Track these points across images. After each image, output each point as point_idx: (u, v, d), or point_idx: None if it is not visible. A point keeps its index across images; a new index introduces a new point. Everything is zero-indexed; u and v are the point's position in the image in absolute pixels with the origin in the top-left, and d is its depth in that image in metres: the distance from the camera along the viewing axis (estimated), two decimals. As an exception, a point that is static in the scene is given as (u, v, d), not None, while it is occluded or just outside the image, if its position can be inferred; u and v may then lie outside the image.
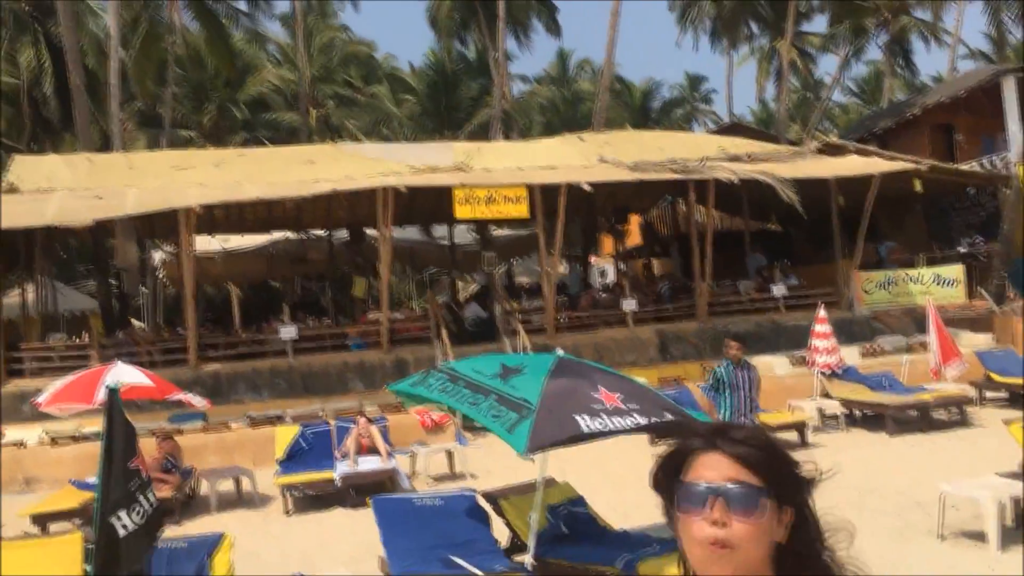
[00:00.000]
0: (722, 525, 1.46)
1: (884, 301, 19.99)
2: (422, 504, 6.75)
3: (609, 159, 19.83)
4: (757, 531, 1.47)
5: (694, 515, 1.49)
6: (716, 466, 1.51)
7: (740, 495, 1.47)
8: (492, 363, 6.63)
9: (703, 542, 1.47)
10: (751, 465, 1.50)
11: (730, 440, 1.53)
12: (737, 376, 9.55)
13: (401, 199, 17.36)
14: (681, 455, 1.56)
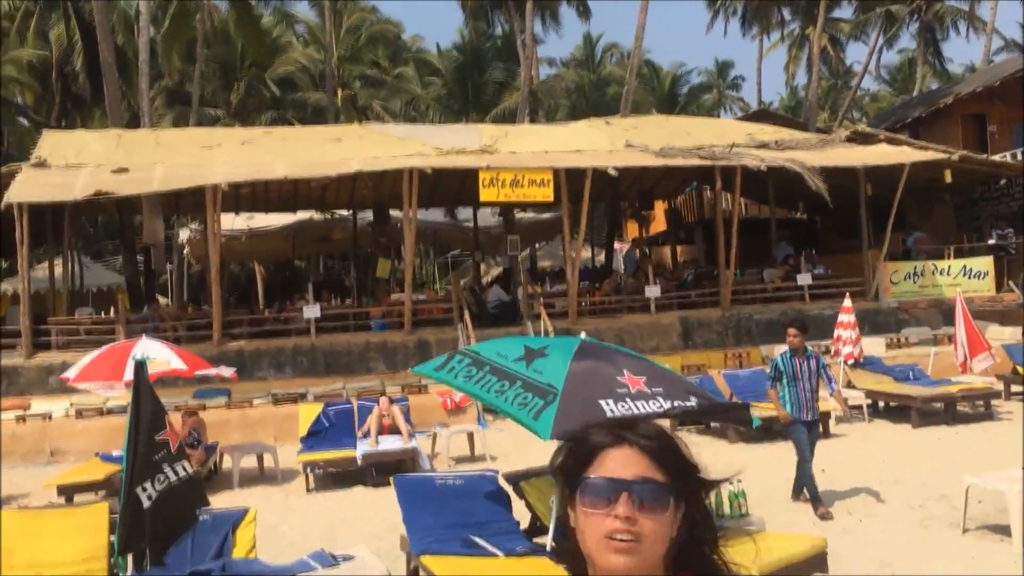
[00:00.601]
0: (627, 521, 1.45)
1: (911, 292, 19.79)
2: (443, 484, 6.77)
3: (635, 144, 19.72)
4: (662, 528, 1.48)
5: (599, 510, 1.48)
6: (624, 462, 1.50)
7: (648, 492, 1.47)
8: (515, 346, 6.61)
9: (608, 537, 1.46)
10: (658, 460, 1.51)
11: (639, 435, 1.53)
12: (797, 366, 8.82)
13: (426, 181, 17.36)
14: (588, 449, 1.54)
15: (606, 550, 1.46)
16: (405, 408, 12.35)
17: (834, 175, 18.36)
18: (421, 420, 13.38)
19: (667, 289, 19.79)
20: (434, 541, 6.13)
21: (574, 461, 1.55)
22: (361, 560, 6.27)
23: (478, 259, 27.29)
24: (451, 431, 12.60)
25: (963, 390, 13.54)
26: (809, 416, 8.70)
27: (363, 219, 24.33)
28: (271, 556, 7.37)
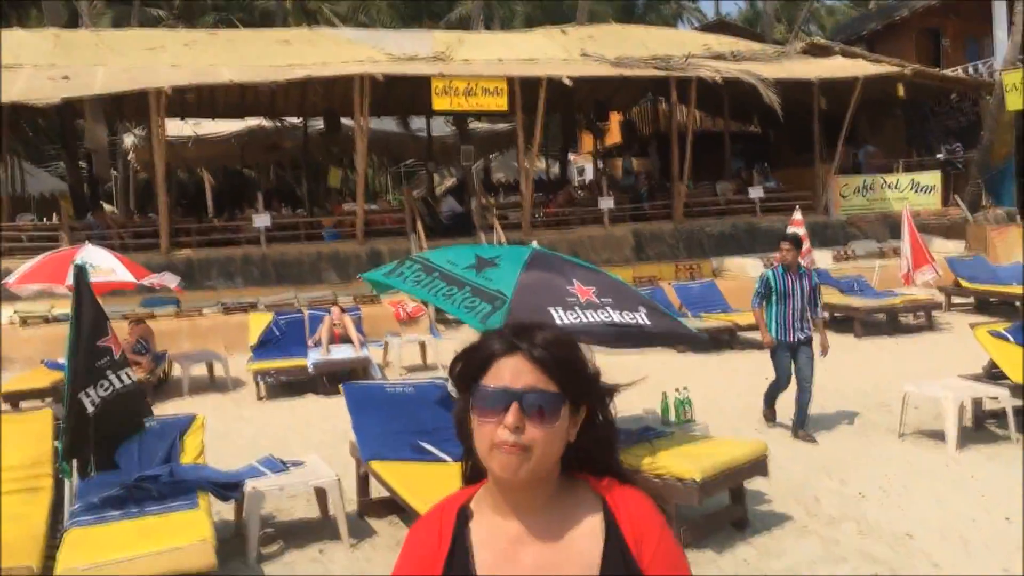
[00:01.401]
0: (516, 430, 1.47)
1: (860, 206, 20.04)
2: (393, 391, 6.79)
3: (591, 54, 19.45)
4: (552, 435, 1.50)
5: (490, 419, 1.49)
6: (516, 370, 1.50)
7: (537, 401, 1.48)
8: (467, 254, 6.58)
9: (499, 446, 1.48)
10: (550, 370, 1.51)
11: (532, 344, 1.52)
12: (789, 283, 8.08)
13: (378, 88, 17.00)
14: (483, 356, 1.54)
15: (495, 458, 1.49)
16: (357, 318, 12.34)
17: (788, 88, 18.32)
18: (373, 330, 13.38)
19: (620, 201, 19.80)
20: (383, 447, 6.18)
21: (470, 368, 1.55)
22: (311, 466, 6.31)
23: (432, 170, 27.00)
24: (403, 340, 12.63)
25: (905, 302, 13.85)
26: (795, 337, 8.05)
27: (314, 127, 23.84)
28: (221, 463, 7.38)
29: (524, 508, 1.55)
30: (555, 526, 1.55)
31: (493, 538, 1.56)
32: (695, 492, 5.43)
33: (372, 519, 6.35)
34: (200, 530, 4.93)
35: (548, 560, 1.53)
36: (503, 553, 1.55)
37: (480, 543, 1.56)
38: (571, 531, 1.55)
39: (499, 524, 1.56)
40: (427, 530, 1.62)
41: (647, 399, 9.33)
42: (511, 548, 1.55)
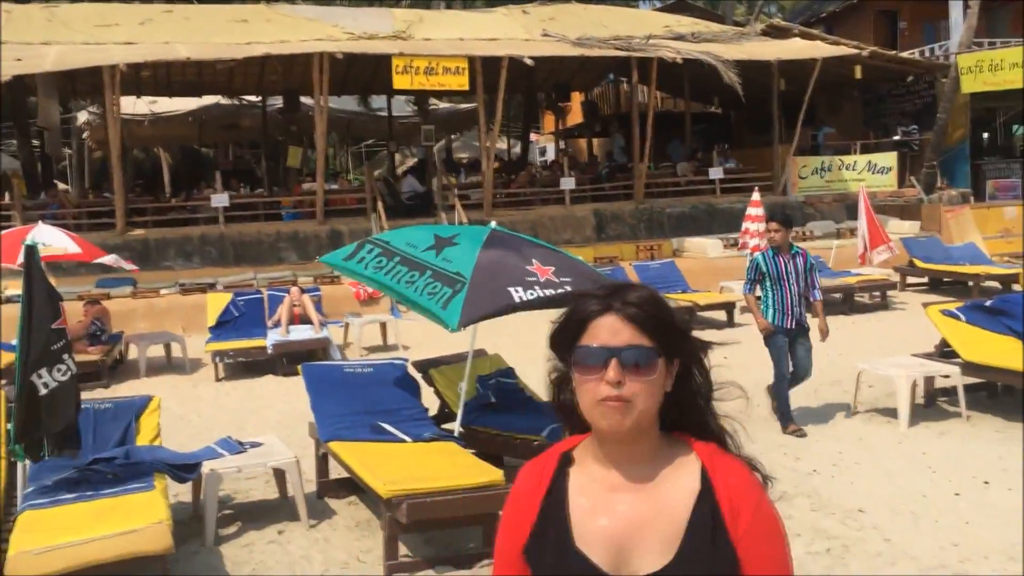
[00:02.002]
0: (617, 384, 1.55)
1: (818, 187, 20.25)
2: (352, 371, 6.76)
3: (552, 34, 19.40)
4: (649, 387, 1.58)
5: (592, 376, 1.58)
6: (612, 328, 1.59)
7: (634, 356, 1.57)
8: (425, 234, 6.56)
9: (601, 400, 1.57)
10: (644, 326, 1.59)
11: (624, 303, 1.61)
12: (782, 265, 7.53)
13: (337, 66, 16.84)
14: (579, 319, 1.63)
15: (600, 412, 1.57)
16: (317, 298, 12.27)
17: (748, 69, 18.42)
18: (333, 310, 13.31)
19: (582, 182, 19.85)
20: (342, 428, 6.16)
21: (567, 331, 1.64)
22: (269, 447, 6.28)
23: (393, 149, 26.82)
24: (363, 321, 12.58)
25: (861, 281, 14.05)
26: (793, 323, 7.56)
27: (273, 106, 23.57)
28: (178, 445, 7.33)
29: (624, 460, 1.63)
30: (651, 480, 1.62)
31: (591, 485, 1.64)
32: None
33: (331, 500, 6.34)
34: (156, 512, 4.90)
35: (639, 512, 1.60)
36: (598, 500, 1.62)
37: (577, 488, 1.65)
38: (666, 487, 1.62)
39: (598, 473, 1.64)
40: (531, 472, 1.71)
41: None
42: (606, 496, 1.62)
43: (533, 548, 1.64)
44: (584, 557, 1.58)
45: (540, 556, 1.63)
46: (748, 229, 15.22)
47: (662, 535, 1.58)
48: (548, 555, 1.62)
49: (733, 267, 15.57)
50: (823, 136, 22.15)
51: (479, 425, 6.51)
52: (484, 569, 5.11)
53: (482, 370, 7.16)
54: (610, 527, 1.59)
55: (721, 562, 1.56)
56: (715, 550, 1.56)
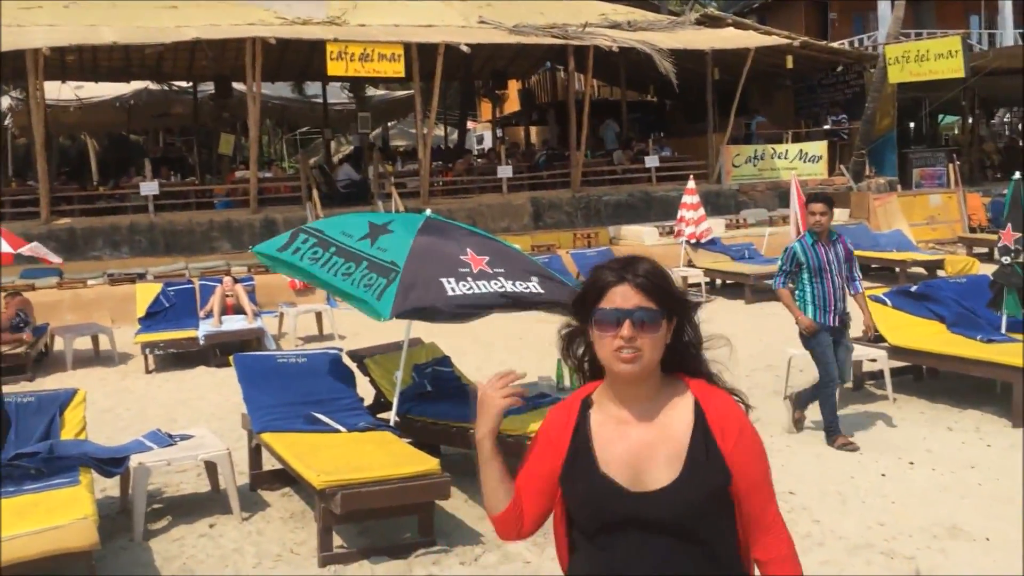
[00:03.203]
0: (630, 339, 1.95)
1: (751, 175, 20.54)
2: (285, 362, 6.67)
3: (489, 21, 19.33)
4: (655, 341, 1.99)
5: (609, 332, 1.97)
6: (624, 295, 1.98)
7: (643, 317, 1.97)
8: (360, 222, 6.48)
9: (618, 351, 1.96)
10: (650, 293, 1.99)
11: (635, 274, 2.00)
12: (823, 254, 6.71)
13: (271, 52, 16.58)
14: (598, 287, 2.02)
15: (616, 361, 1.98)
16: (250, 288, 12.09)
17: (683, 58, 18.58)
18: (268, 300, 13.13)
19: (519, 170, 19.85)
20: (275, 419, 6.07)
21: (588, 297, 2.03)
22: (200, 439, 6.16)
23: (328, 137, 26.52)
24: (298, 310, 12.43)
25: (793, 268, 14.29)
26: (835, 319, 6.74)
27: (204, 92, 23.10)
28: (106, 438, 7.17)
29: (633, 398, 2.04)
30: (655, 413, 2.03)
31: (607, 420, 2.05)
32: (587, 456, 5.50)
33: (265, 492, 6.26)
34: (81, 507, 4.77)
35: (648, 438, 2.01)
36: (614, 431, 2.03)
37: (598, 424, 2.05)
38: (668, 417, 2.03)
39: (613, 411, 2.05)
40: (559, 413, 2.13)
41: (543, 366, 9.45)
42: (621, 428, 2.03)
43: (567, 475, 2.05)
44: (609, 478, 1.99)
45: (573, 481, 2.03)
46: (684, 217, 15.41)
47: (667, 456, 1.98)
48: (579, 479, 2.02)
49: (669, 254, 15.72)
50: (756, 125, 22.46)
51: (415, 414, 6.48)
52: (420, 559, 5.09)
53: (418, 359, 7.12)
54: (626, 453, 2.00)
55: (716, 473, 1.97)
56: (710, 464, 1.97)
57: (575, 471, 2.03)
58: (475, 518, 5.65)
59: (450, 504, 5.69)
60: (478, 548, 5.21)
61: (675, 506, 1.95)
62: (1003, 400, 7.44)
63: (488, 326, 11.61)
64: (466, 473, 6.33)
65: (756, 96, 22.82)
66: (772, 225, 17.75)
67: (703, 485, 1.96)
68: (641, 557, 1.97)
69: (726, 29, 20.65)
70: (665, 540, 1.96)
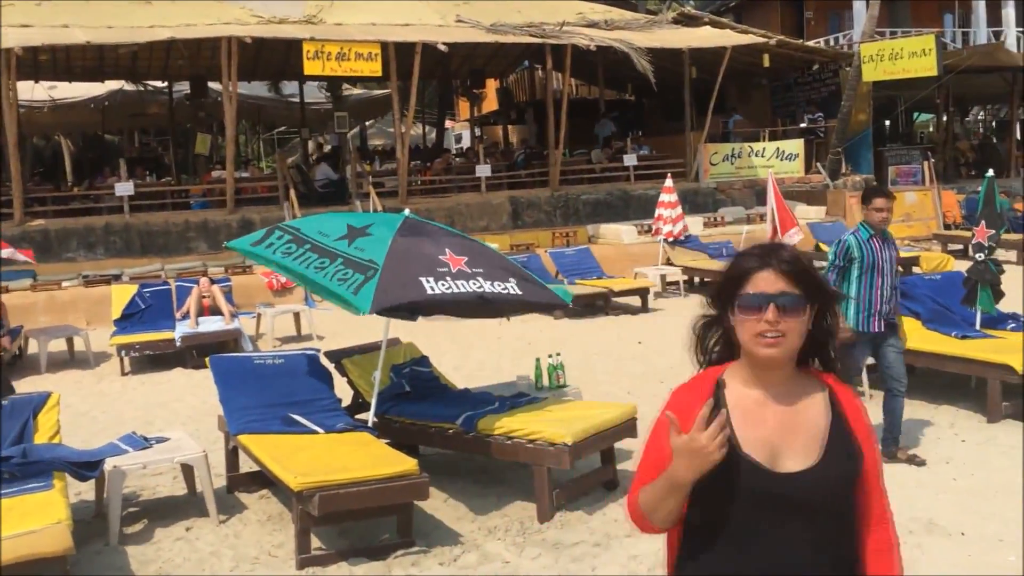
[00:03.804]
0: (772, 323, 1.98)
1: (728, 173, 20.63)
2: (262, 363, 6.62)
3: (466, 20, 19.30)
4: (799, 325, 2.02)
5: (753, 316, 2.00)
6: (768, 280, 2.02)
7: (786, 301, 2.00)
8: (338, 223, 6.47)
9: (760, 335, 2.00)
10: (794, 278, 2.02)
11: (779, 260, 2.04)
12: (878, 250, 6.21)
13: (247, 51, 16.47)
14: (740, 273, 2.05)
15: (758, 345, 2.00)
16: (227, 288, 12.00)
17: (660, 57, 18.63)
18: (245, 301, 13.06)
19: (497, 169, 19.84)
20: (252, 421, 6.03)
21: (728, 284, 2.07)
22: (176, 442, 6.11)
23: (306, 136, 26.39)
24: (276, 311, 12.36)
25: (770, 266, 14.36)
26: (881, 324, 6.22)
27: (180, 91, 22.93)
28: (81, 442, 7.11)
29: (768, 381, 2.06)
30: (791, 397, 2.06)
31: (742, 401, 2.06)
32: (566, 455, 5.51)
33: (242, 494, 6.22)
34: (56, 512, 4.72)
35: (785, 421, 2.04)
36: (750, 412, 2.04)
37: (733, 404, 2.05)
38: (804, 402, 2.07)
39: (747, 392, 2.07)
40: (690, 391, 2.11)
41: (521, 365, 9.46)
42: (757, 409, 2.05)
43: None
44: (751, 459, 2.00)
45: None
46: (661, 215, 15.45)
47: (806, 440, 2.03)
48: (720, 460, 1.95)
49: (648, 253, 15.79)
50: (733, 123, 22.57)
51: (393, 414, 6.46)
52: (399, 559, 5.07)
53: (396, 359, 7.10)
54: (764, 434, 2.02)
55: (853, 460, 2.04)
56: (848, 451, 2.04)
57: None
58: (454, 519, 5.64)
59: (429, 505, 5.67)
60: (457, 548, 5.21)
61: (818, 487, 1.99)
62: (978, 396, 7.51)
63: (466, 326, 11.64)
64: (444, 473, 6.34)
65: (733, 94, 22.93)
66: (749, 223, 17.83)
67: (842, 469, 2.02)
68: (779, 539, 1.99)
69: (703, 28, 20.72)
70: (802, 522, 1.99)
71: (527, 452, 5.69)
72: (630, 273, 14.76)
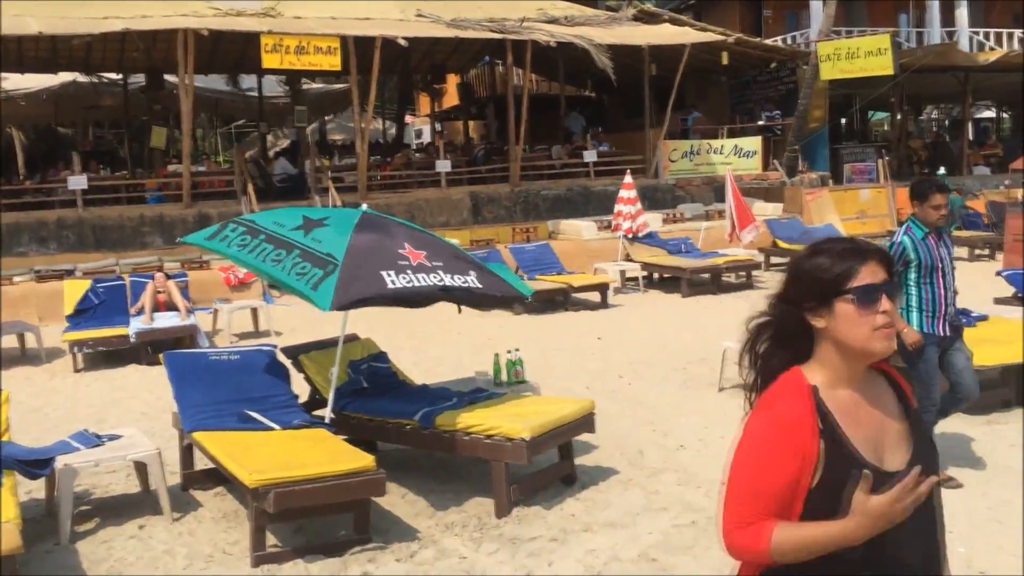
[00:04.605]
0: (889, 314, 1.95)
1: (687, 170, 20.79)
2: (217, 359, 6.54)
3: (426, 14, 19.23)
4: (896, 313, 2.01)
5: (868, 309, 1.94)
6: (873, 271, 1.97)
7: (892, 290, 1.99)
8: (294, 215, 6.43)
9: (879, 328, 1.95)
10: (889, 266, 2.01)
11: (873, 250, 2.01)
12: (934, 250, 5.63)
13: (203, 44, 16.30)
14: (843, 269, 1.98)
15: (877, 339, 1.95)
16: (183, 284, 11.87)
17: (621, 54, 18.71)
18: (202, 296, 12.92)
19: (458, 164, 19.80)
20: (207, 417, 5.96)
21: (828, 282, 1.98)
22: (129, 439, 6.02)
23: (264, 130, 26.15)
24: (233, 307, 12.23)
25: (728, 262, 14.51)
26: (946, 327, 5.68)
27: (135, 84, 22.60)
28: (33, 439, 6.98)
29: (859, 379, 2.01)
30: (875, 393, 2.03)
31: (840, 403, 1.98)
32: (524, 451, 5.52)
33: (197, 492, 6.14)
34: (4, 511, 4.62)
35: (877, 419, 2.00)
36: (849, 414, 1.97)
37: (834, 409, 1.97)
38: (884, 398, 2.04)
39: (837, 394, 1.98)
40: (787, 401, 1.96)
41: (480, 361, 9.45)
42: (854, 410, 1.98)
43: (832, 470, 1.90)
44: (875, 464, 1.91)
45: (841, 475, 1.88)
46: (621, 211, 15.51)
47: (896, 436, 2.00)
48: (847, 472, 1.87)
49: (608, 248, 15.86)
50: (692, 120, 22.73)
51: (351, 411, 6.42)
52: (355, 556, 5.05)
53: (354, 355, 7.06)
54: (866, 434, 1.96)
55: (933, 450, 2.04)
56: (931, 444, 2.05)
57: (841, 464, 1.90)
58: (411, 515, 5.63)
59: (386, 501, 5.65)
60: (414, 544, 5.19)
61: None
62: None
63: (425, 321, 11.62)
64: (402, 469, 6.32)
65: (692, 92, 23.09)
66: (708, 219, 17.99)
67: (931, 462, 1.98)
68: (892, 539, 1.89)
69: (663, 25, 20.84)
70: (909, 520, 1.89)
71: (485, 447, 5.69)
72: (590, 269, 14.81)
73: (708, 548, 4.91)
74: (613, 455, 6.54)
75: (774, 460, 1.90)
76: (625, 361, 9.60)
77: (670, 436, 6.95)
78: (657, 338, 10.74)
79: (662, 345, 10.27)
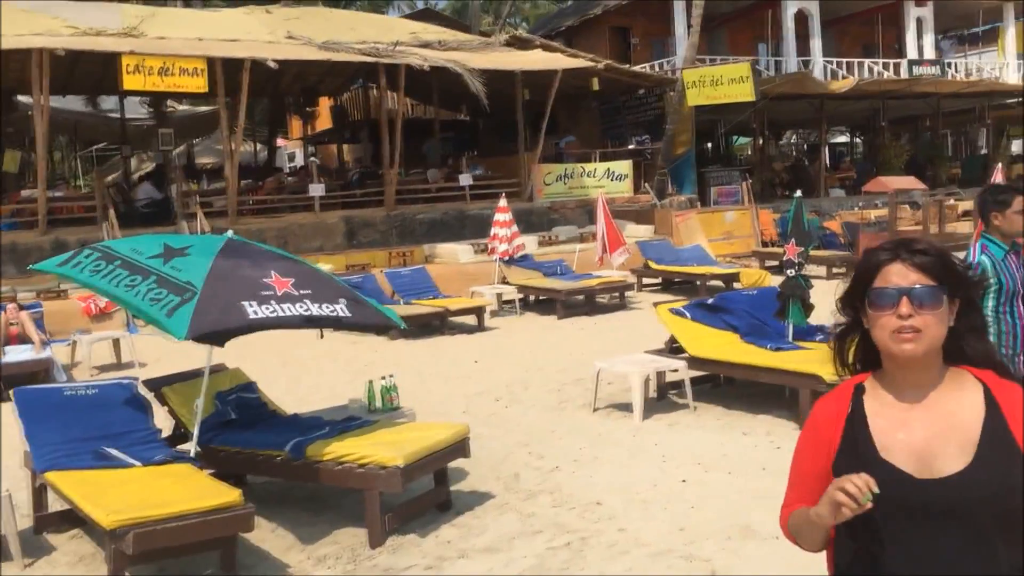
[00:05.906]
0: (910, 316, 1.90)
1: (561, 193, 21.12)
2: (73, 394, 6.21)
3: (297, 36, 18.99)
4: (937, 319, 1.93)
5: (887, 311, 1.93)
6: (900, 273, 1.94)
7: (921, 293, 1.92)
8: (154, 243, 6.18)
9: (898, 331, 1.91)
10: (929, 270, 1.94)
11: (910, 251, 1.96)
12: (1015, 270, 4.58)
13: (60, 64, 15.63)
14: (870, 268, 1.98)
15: (895, 342, 1.92)
16: (38, 315, 11.31)
17: (495, 79, 18.88)
18: (60, 327, 12.32)
19: (332, 188, 19.55)
20: (61, 456, 5.65)
21: (859, 283, 2.00)
22: (-25, 482, 5.65)
23: (127, 154, 25.20)
24: (93, 338, 11.69)
25: (602, 283, 14.76)
26: None
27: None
28: None
29: (914, 385, 1.96)
30: (940, 400, 1.95)
31: (885, 408, 1.98)
32: (398, 478, 5.44)
33: (51, 535, 5.80)
34: None
35: (933, 427, 1.93)
36: (894, 419, 1.96)
37: (873, 411, 1.99)
38: (954, 406, 1.94)
39: (890, 398, 1.98)
40: (827, 404, 2.06)
41: (355, 388, 9.29)
42: (901, 416, 1.96)
43: (841, 462, 1.97)
44: (891, 465, 1.92)
45: (848, 469, 1.90)
46: (497, 234, 15.61)
47: (958, 444, 1.90)
48: (855, 467, 1.88)
49: (484, 272, 15.92)
50: (565, 144, 23.12)
51: (218, 444, 6.20)
52: (221, 596, 4.86)
53: (221, 386, 6.82)
54: (909, 440, 1.93)
55: (1012, 466, 1.88)
56: (1006, 454, 1.89)
57: (850, 458, 1.95)
58: (282, 549, 5.46)
59: (255, 536, 5.46)
60: (284, 580, 5.04)
61: (968, 490, 1.86)
62: (791, 404, 7.91)
63: (299, 347, 11.39)
64: (273, 503, 6.14)
65: (564, 116, 23.51)
66: (582, 241, 18.28)
67: (997, 474, 1.86)
68: (926, 548, 1.88)
69: (535, 51, 21.16)
70: (952, 530, 1.87)
71: (357, 477, 5.58)
72: (466, 292, 14.83)
73: (583, 569, 4.94)
74: (488, 479, 6.53)
75: (804, 451, 2.08)
76: (502, 384, 9.61)
77: (545, 458, 6.97)
78: (533, 360, 10.81)
79: (538, 367, 10.34)
